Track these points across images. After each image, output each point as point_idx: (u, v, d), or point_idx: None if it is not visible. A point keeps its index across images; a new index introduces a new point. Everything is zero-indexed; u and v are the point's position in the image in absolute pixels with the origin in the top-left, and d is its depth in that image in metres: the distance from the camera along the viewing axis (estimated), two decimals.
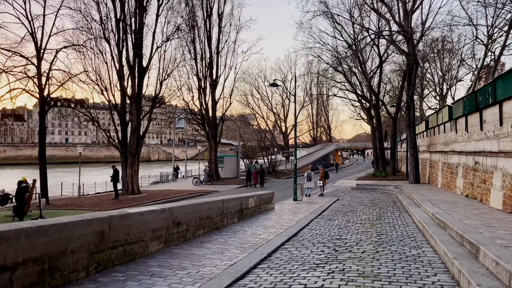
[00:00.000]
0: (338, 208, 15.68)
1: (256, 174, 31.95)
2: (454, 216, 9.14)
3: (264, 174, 33.24)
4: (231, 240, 8.62)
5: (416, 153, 24.52)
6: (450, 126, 17.67)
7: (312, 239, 9.00)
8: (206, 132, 35.52)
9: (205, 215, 9.34)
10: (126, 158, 23.59)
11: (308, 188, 20.57)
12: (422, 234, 8.90)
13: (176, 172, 41.99)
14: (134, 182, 23.47)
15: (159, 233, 7.37)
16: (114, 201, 20.55)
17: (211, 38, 35.00)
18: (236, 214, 11.36)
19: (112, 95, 24.10)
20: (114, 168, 21.65)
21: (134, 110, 23.20)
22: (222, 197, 10.67)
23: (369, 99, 39.16)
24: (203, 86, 35.08)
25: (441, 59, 42.13)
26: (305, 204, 17.24)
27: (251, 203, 12.76)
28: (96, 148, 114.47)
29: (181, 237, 8.19)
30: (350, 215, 13.33)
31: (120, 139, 23.93)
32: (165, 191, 26.45)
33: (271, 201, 15.22)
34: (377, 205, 16.07)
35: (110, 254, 6.02)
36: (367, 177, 35.87)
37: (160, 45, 24.41)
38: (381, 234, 9.12)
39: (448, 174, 18.25)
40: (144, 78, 24.07)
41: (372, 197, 20.24)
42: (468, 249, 6.25)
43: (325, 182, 21.90)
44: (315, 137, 79.16)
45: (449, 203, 12.50)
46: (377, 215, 12.95)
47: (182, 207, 8.39)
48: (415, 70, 23.00)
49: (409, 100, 24.26)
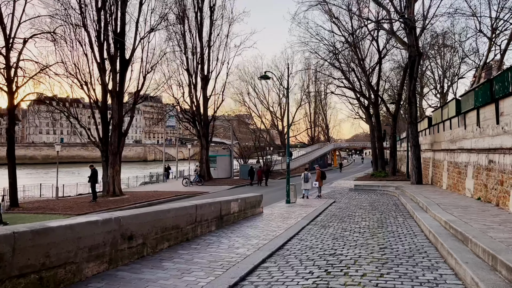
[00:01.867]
0: (334, 212, 14.05)
1: (260, 173, 31.89)
2: (473, 226, 7.51)
3: (269, 173, 33.15)
4: (200, 256, 6.97)
5: (419, 152, 22.92)
6: (457, 122, 16.06)
7: (300, 254, 7.37)
8: (197, 130, 33.81)
9: (170, 225, 7.68)
10: (107, 157, 21.89)
11: (306, 190, 19.39)
12: (436, 248, 7.27)
13: (167, 173, 40.31)
14: (115, 183, 21.77)
15: (100, 251, 5.71)
16: (91, 204, 18.87)
17: (202, 31, 33.33)
18: (213, 222, 9.71)
19: (92, 89, 22.42)
20: (92, 168, 19.94)
21: (115, 105, 21.51)
22: (195, 202, 9.01)
23: (367, 96, 37.55)
24: (194, 82, 33.38)
25: (441, 55, 40.58)
26: (298, 208, 15.61)
27: (233, 208, 11.11)
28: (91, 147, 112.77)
29: (135, 254, 6.54)
30: (347, 221, 11.70)
31: (101, 136, 22.23)
32: (151, 193, 24.78)
33: (259, 204, 13.57)
34: (377, 209, 14.45)
35: (14, 285, 4.36)
36: (366, 177, 34.24)
37: (144, 36, 22.76)
38: (384, 248, 7.48)
39: (455, 174, 16.65)
40: (127, 72, 22.41)
41: (371, 199, 18.63)
42: (506, 277, 4.62)
43: (322, 183, 20.48)
44: (313, 136, 77.46)
45: (460, 207, 10.88)
46: (378, 221, 11.32)
47: (138, 215, 6.73)
48: (418, 63, 21.38)
49: (410, 95, 22.64)
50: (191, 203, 8.83)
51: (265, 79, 18.22)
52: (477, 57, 33.94)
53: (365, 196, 20.42)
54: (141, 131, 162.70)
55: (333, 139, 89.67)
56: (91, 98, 22.59)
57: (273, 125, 65.50)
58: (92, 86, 22.57)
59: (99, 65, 21.93)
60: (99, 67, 21.89)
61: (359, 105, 48.33)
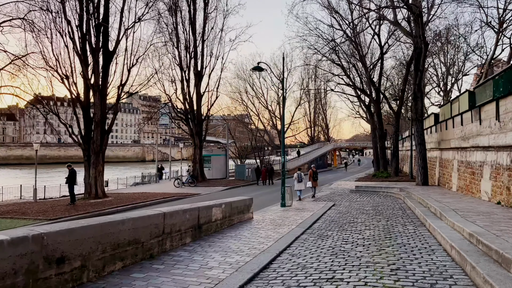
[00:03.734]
0: (334, 218, 12.46)
1: (265, 172, 31.79)
2: (510, 241, 5.90)
3: (273, 173, 33.29)
4: (158, 283, 5.38)
5: (425, 151, 21.33)
6: (470, 116, 14.45)
7: (289, 278, 5.77)
8: (190, 128, 32.15)
9: (126, 239, 6.08)
10: (89, 156, 20.28)
11: (299, 191, 18.47)
12: (463, 271, 5.66)
13: (160, 173, 38.70)
14: (98, 184, 20.14)
15: (7, 283, 4.12)
16: (68, 208, 17.26)
17: (196, 24, 31.66)
18: (189, 233, 8.11)
19: (74, 84, 20.80)
20: (70, 168, 18.30)
21: (97, 100, 19.90)
22: (163, 209, 7.41)
23: (369, 93, 35.95)
24: (186, 78, 31.72)
25: (445, 52, 38.95)
26: (294, 212, 14.02)
27: (215, 214, 9.50)
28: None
29: (69, 282, 4.94)
30: (348, 229, 10.11)
31: (83, 134, 20.62)
32: (137, 194, 23.16)
33: (249, 209, 11.97)
34: (382, 214, 12.85)
35: None
36: (367, 178, 32.67)
37: (129, 26, 21.14)
38: (396, 270, 5.88)
39: (467, 175, 15.04)
40: (111, 64, 20.79)
41: (374, 202, 17.03)
42: None
43: (316, 183, 19.30)
44: (312, 136, 75.81)
45: (482, 214, 9.27)
46: (384, 230, 9.72)
47: (73, 230, 5.12)
48: (424, 54, 19.75)
49: (416, 89, 21.03)
50: (156, 210, 7.22)
51: (258, 70, 16.64)
52: (483, 52, 32.41)
53: (367, 199, 18.84)
54: (139, 130, 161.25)
55: (333, 139, 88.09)
56: (73, 94, 20.99)
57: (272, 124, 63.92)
58: (74, 80, 20.97)
59: (81, 57, 20.33)
60: (80, 59, 20.30)
61: (360, 103, 46.79)
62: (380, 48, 33.47)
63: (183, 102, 31.84)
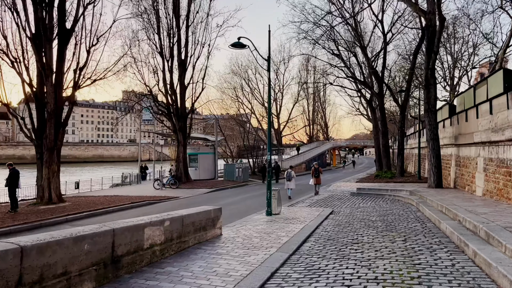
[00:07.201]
0: (331, 234, 9.29)
1: None
2: None
3: (280, 170, 32.40)
4: None
5: (439, 147, 18.19)
6: (506, 101, 11.27)
7: None
8: (173, 124, 28.89)
9: None
10: (41, 153, 17.09)
11: (289, 189, 18.34)
12: None
13: (144, 173, 35.45)
14: (52, 187, 16.89)
15: None
16: (7, 216, 14.03)
17: (179, 7, 28.37)
18: (90, 273, 4.89)
19: (25, 68, 17.64)
20: (11, 168, 15.00)
21: (50, 87, 16.69)
22: (24, 240, 4.20)
23: (370, 86, 32.75)
24: (169, 67, 28.46)
25: (453, 42, 35.70)
26: (280, 224, 10.84)
27: (151, 238, 6.28)
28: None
29: None
30: (351, 255, 6.94)
31: (35, 127, 17.43)
32: (104, 199, 19.94)
33: (214, 223, 8.74)
34: (395, 228, 9.66)
35: None
36: (370, 178, 29.51)
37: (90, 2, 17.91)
38: None
39: (501, 175, 11.86)
40: (68, 45, 17.57)
41: (381, 209, 13.85)
42: None
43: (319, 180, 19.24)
44: (311, 135, 72.61)
45: None
46: (404, 258, 6.52)
47: None
48: (440, 31, 16.52)
49: (429, 75, 17.83)
50: (8, 243, 4.01)
51: (238, 47, 13.41)
52: (501, 36, 29.28)
53: (371, 204, 15.69)
54: (136, 130, 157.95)
55: (333, 138, 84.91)
56: (25, 81, 17.77)
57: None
58: (26, 65, 17.77)
59: (33, 35, 17.13)
60: (32, 38, 17.08)
61: (360, 97, 43.67)
62: (383, 36, 30.28)
63: (165, 95, 28.59)
